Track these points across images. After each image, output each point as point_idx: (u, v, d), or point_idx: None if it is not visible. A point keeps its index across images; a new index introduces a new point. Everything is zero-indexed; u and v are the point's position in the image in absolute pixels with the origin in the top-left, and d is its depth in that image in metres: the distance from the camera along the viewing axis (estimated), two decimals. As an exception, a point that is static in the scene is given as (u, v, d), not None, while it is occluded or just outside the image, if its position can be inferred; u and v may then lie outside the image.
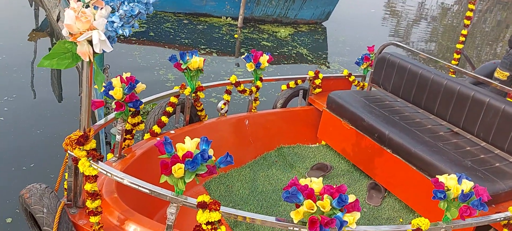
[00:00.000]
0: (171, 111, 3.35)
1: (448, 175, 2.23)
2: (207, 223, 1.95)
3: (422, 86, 3.81)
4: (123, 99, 2.54)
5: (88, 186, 2.10)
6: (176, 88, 3.35)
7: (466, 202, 2.11)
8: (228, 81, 3.76)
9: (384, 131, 3.54)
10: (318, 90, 4.46)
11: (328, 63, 8.54)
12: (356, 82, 4.76)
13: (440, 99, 3.65)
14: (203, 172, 1.89)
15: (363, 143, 3.75)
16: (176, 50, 7.62)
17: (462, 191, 2.10)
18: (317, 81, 4.44)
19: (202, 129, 3.56)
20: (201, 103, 3.61)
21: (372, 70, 4.40)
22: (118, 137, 2.77)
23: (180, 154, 1.89)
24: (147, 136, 3.27)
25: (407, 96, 4.00)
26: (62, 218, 2.12)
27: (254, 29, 9.92)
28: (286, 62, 8.08)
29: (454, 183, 2.18)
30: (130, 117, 2.81)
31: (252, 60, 3.71)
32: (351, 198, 1.97)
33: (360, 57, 4.82)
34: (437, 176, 2.25)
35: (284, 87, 4.49)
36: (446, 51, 11.30)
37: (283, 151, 4.01)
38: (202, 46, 8.05)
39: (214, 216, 1.93)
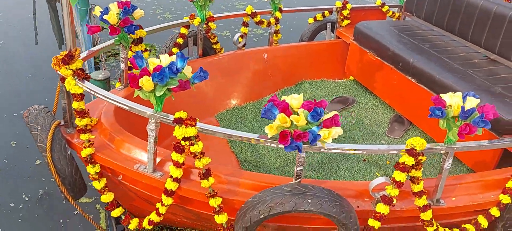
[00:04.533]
0: (181, 43, 3.32)
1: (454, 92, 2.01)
2: (185, 139, 1.93)
3: (456, 10, 3.43)
4: (117, 24, 2.53)
5: (75, 104, 2.15)
6: (185, 19, 3.29)
7: (467, 120, 1.89)
8: (244, 12, 3.63)
9: (408, 59, 3.27)
10: (346, 22, 4.19)
11: None
12: (390, 13, 4.40)
13: (475, 23, 3.27)
14: (174, 86, 1.85)
15: (388, 74, 3.50)
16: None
17: (463, 107, 1.88)
18: (345, 12, 4.16)
19: (216, 62, 3.51)
20: (215, 36, 3.54)
21: (406, -3, 4.04)
22: (122, 65, 2.80)
23: (151, 68, 1.86)
24: (159, 67, 3.28)
25: (440, 23, 3.63)
26: (56, 135, 2.20)
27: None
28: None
29: (458, 101, 1.96)
30: (132, 45, 2.82)
31: (267, -11, 3.54)
32: (331, 114, 1.84)
33: (395, -15, 4.44)
34: (440, 94, 2.04)
35: (311, 20, 4.27)
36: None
37: (304, 86, 3.87)
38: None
39: (190, 131, 1.90)
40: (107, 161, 2.17)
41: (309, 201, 1.84)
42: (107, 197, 2.29)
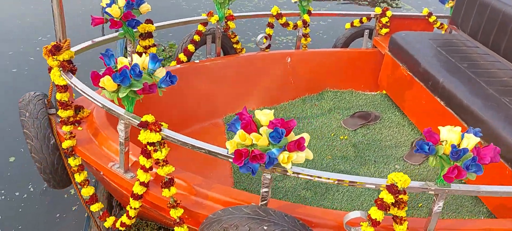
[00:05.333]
0: (198, 40, 3.26)
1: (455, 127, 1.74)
2: (149, 144, 1.85)
3: (503, 27, 3.01)
4: (119, 18, 2.52)
5: (58, 95, 2.16)
6: (203, 15, 3.22)
7: (459, 161, 1.62)
8: (268, 12, 3.48)
9: (438, 78, 2.94)
10: (385, 30, 3.87)
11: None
12: (438, 24, 4.01)
13: (523, 44, 2.85)
14: (137, 88, 1.78)
15: (418, 92, 3.18)
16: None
17: (453, 146, 1.61)
18: (384, 20, 3.85)
19: (234, 62, 3.41)
20: (235, 35, 3.43)
21: (453, 8, 3.64)
22: (129, 59, 2.79)
23: (118, 67, 1.81)
24: (173, 63, 3.25)
25: (486, 41, 3.23)
26: (42, 123, 2.23)
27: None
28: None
29: (454, 137, 1.69)
30: (140, 40, 2.80)
31: (293, -10, 3.37)
32: (305, 136, 1.67)
33: (445, -6, 4.03)
34: (439, 127, 1.78)
35: (347, 26, 4.02)
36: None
37: (327, 95, 3.64)
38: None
39: (153, 137, 1.82)
40: (86, 155, 2.17)
41: (265, 228, 1.68)
42: (86, 191, 2.28)
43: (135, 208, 2.04)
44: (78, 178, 2.26)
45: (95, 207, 2.32)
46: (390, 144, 3.11)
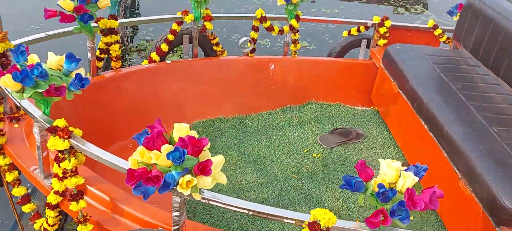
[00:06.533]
0: (172, 40, 3.09)
1: (395, 161, 1.48)
2: (59, 151, 1.69)
3: (504, 46, 2.67)
4: (72, 11, 2.37)
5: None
6: (178, 14, 3.04)
7: (386, 204, 1.36)
8: (252, 15, 3.27)
9: (423, 98, 2.64)
10: (383, 41, 3.57)
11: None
12: (444, 38, 3.66)
13: (523, 67, 2.51)
14: (42, 90, 1.61)
15: (405, 112, 2.89)
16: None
17: (380, 185, 1.35)
18: (382, 30, 3.54)
19: (212, 65, 3.21)
20: (215, 37, 3.24)
21: (457, 22, 3.30)
22: (89, 55, 2.66)
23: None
24: (145, 62, 3.10)
25: (486, 60, 2.88)
26: None
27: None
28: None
29: (392, 174, 1.43)
30: (102, 36, 2.66)
31: (279, -8, 3.14)
32: (217, 159, 1.45)
33: (454, 6, 3.67)
34: (379, 160, 1.52)
35: (345, 34, 3.76)
36: None
37: (311, 107, 3.38)
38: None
39: (60, 144, 1.65)
40: (12, 155, 2.04)
41: (163, 259, 1.48)
42: (18, 191, 2.15)
43: (51, 217, 1.88)
44: (9, 177, 2.13)
45: (26, 208, 2.18)
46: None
